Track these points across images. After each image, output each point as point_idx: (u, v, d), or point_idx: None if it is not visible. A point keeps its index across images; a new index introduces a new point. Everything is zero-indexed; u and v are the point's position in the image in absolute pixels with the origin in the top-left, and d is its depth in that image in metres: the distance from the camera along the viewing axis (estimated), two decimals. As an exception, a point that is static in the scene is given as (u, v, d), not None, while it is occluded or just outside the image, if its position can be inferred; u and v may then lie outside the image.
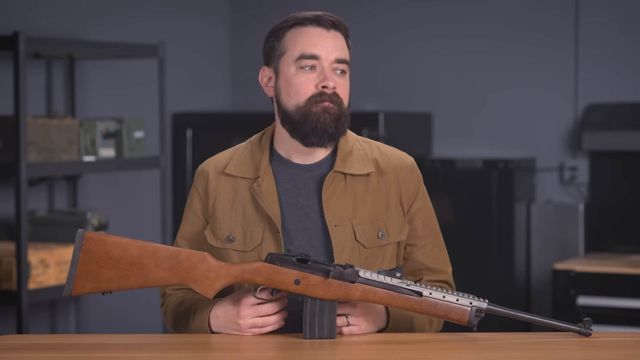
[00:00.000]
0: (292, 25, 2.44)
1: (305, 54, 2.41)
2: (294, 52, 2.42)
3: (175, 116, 5.63)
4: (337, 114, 2.41)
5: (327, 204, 2.43)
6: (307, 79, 2.41)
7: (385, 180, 2.49)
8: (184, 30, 5.65)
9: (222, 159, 2.54)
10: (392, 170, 2.51)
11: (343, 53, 2.43)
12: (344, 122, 2.44)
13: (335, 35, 2.44)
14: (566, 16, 5.37)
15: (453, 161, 5.29)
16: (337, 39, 2.44)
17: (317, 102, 2.40)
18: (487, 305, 2.26)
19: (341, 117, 2.42)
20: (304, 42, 2.42)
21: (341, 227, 2.42)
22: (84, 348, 2.23)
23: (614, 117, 5.15)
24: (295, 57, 2.42)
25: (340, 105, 2.42)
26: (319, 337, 2.25)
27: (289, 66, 2.43)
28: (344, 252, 2.42)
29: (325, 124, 2.40)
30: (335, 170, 2.46)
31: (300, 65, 2.41)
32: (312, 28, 2.43)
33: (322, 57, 2.41)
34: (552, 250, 5.27)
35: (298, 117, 2.41)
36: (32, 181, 4.69)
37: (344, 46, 2.45)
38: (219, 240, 2.47)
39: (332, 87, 2.40)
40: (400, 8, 5.70)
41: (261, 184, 2.46)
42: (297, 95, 2.42)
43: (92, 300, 5.02)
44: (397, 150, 2.56)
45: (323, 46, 2.41)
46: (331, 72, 2.41)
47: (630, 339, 2.30)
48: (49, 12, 4.85)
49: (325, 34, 2.43)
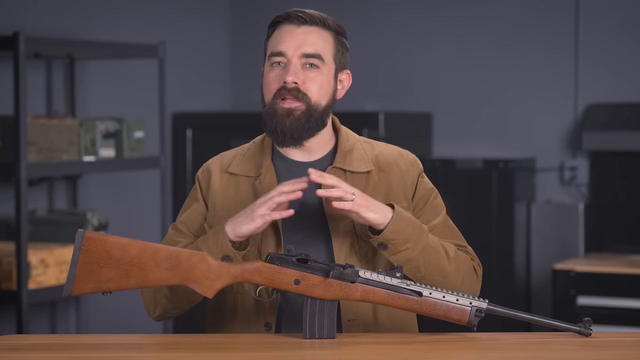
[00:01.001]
0: (273, 25, 2.49)
1: (273, 51, 2.45)
2: (268, 51, 2.48)
3: (175, 116, 5.63)
4: (302, 113, 2.42)
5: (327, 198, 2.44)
6: (274, 75, 2.45)
7: (386, 176, 2.50)
8: (184, 30, 5.65)
9: (226, 158, 2.57)
10: (393, 164, 2.52)
11: (312, 47, 2.43)
12: (315, 120, 2.44)
13: (307, 30, 2.45)
14: (566, 16, 5.37)
15: (453, 161, 5.29)
16: (308, 33, 2.44)
17: (279, 96, 2.43)
18: (487, 305, 2.26)
19: (309, 115, 2.43)
20: (274, 40, 2.47)
21: (341, 221, 2.43)
22: (84, 348, 2.23)
23: (614, 117, 5.15)
24: (268, 56, 2.47)
25: (307, 102, 2.43)
26: (319, 337, 2.25)
27: (266, 65, 2.48)
28: (343, 246, 2.43)
29: (285, 126, 2.43)
30: (334, 166, 2.47)
31: (271, 62, 2.46)
32: (283, 26, 2.47)
33: (288, 53, 2.43)
34: (552, 250, 5.27)
35: (265, 114, 2.46)
36: (32, 181, 4.69)
37: (319, 41, 2.45)
38: (219, 237, 2.48)
39: (292, 82, 2.42)
40: (400, 8, 5.70)
41: (263, 181, 2.47)
42: (268, 91, 2.46)
43: (92, 300, 5.02)
44: (397, 148, 2.58)
45: (290, 42, 2.43)
46: (298, 67, 2.43)
47: (630, 339, 2.30)
48: (49, 12, 4.85)
49: (294, 29, 2.45)
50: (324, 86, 2.46)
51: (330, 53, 2.47)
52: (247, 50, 5.98)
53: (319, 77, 2.45)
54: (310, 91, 2.44)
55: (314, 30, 2.45)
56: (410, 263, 2.37)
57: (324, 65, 2.45)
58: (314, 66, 2.44)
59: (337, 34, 2.48)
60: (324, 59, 2.45)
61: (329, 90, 2.47)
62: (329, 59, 2.46)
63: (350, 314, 2.42)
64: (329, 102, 2.48)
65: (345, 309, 2.42)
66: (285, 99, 2.43)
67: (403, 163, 2.53)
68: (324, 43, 2.46)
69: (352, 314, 2.42)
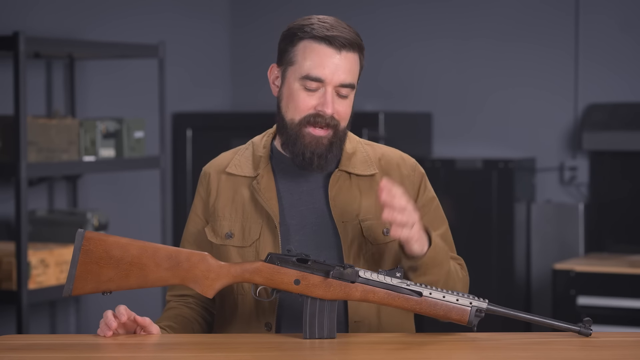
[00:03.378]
0: (306, 38, 2.42)
1: (311, 75, 2.40)
2: (302, 68, 2.41)
3: (175, 116, 5.63)
4: (330, 141, 2.42)
5: (334, 201, 2.45)
6: (308, 98, 2.41)
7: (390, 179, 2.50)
8: (184, 30, 5.65)
9: (224, 159, 2.57)
10: (395, 169, 2.53)
11: (350, 77, 2.42)
12: (337, 147, 2.45)
13: (346, 57, 2.42)
14: (566, 16, 5.37)
15: (453, 161, 5.29)
16: (347, 60, 2.42)
17: (311, 123, 2.41)
18: (487, 305, 2.26)
19: (334, 144, 2.43)
20: (313, 61, 2.40)
21: (349, 223, 2.44)
22: (84, 348, 2.23)
23: (613, 117, 5.15)
24: (301, 74, 2.41)
25: (336, 129, 2.42)
26: (319, 337, 2.25)
27: (294, 79, 2.42)
28: (352, 248, 2.43)
29: (313, 154, 2.42)
30: (340, 169, 2.48)
31: (305, 85, 2.41)
32: (323, 47, 2.40)
33: (327, 80, 2.40)
34: (552, 250, 5.27)
35: (291, 132, 2.43)
36: (32, 181, 4.69)
37: (353, 67, 2.43)
38: (218, 237, 2.48)
39: (330, 114, 2.41)
40: (400, 8, 5.70)
41: (260, 181, 2.47)
42: (295, 111, 2.42)
43: (92, 300, 5.02)
44: (398, 151, 2.58)
45: (330, 69, 2.40)
46: (333, 95, 2.41)
47: (630, 339, 2.30)
48: (49, 12, 4.85)
49: (335, 55, 2.41)
50: (349, 111, 2.46)
51: (358, 76, 2.47)
52: (248, 50, 5.98)
53: (348, 103, 2.44)
54: (341, 119, 2.43)
55: (350, 57, 2.42)
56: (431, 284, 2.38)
57: (352, 93, 2.45)
58: (344, 96, 2.43)
59: (362, 52, 2.48)
60: (354, 87, 2.45)
61: (350, 112, 2.47)
62: (356, 83, 2.46)
63: (357, 316, 2.43)
64: (349, 121, 2.48)
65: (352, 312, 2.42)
66: (316, 127, 2.42)
67: (405, 167, 2.54)
68: (355, 68, 2.44)
69: (359, 316, 2.43)
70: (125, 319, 2.31)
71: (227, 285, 2.30)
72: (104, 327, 2.31)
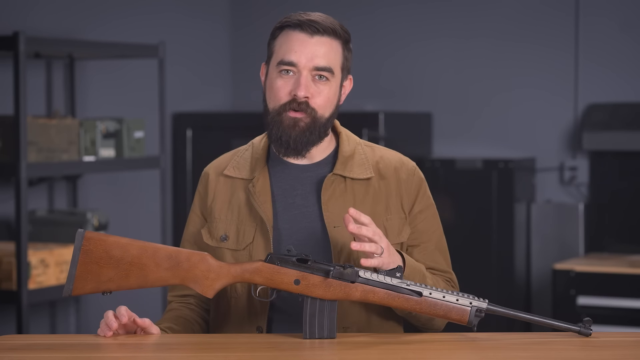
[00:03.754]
0: (282, 27, 2.45)
1: (283, 59, 2.42)
2: (277, 56, 2.44)
3: (175, 116, 5.63)
4: (306, 125, 2.42)
5: (326, 205, 2.44)
6: (283, 84, 2.43)
7: (386, 183, 2.49)
8: (184, 30, 5.65)
9: (223, 160, 2.57)
10: (393, 173, 2.51)
11: (324, 60, 2.42)
12: (316, 133, 2.44)
13: (320, 41, 2.42)
14: (566, 16, 5.37)
15: (453, 161, 5.29)
16: (320, 45, 2.42)
17: (287, 109, 2.42)
18: (487, 305, 2.26)
19: (314, 127, 2.43)
20: (285, 47, 2.43)
21: (340, 229, 2.42)
22: (84, 348, 2.23)
23: (614, 117, 5.15)
24: (276, 62, 2.44)
25: (313, 115, 2.42)
26: (319, 337, 2.25)
27: (273, 69, 2.45)
28: (342, 253, 2.42)
29: (290, 137, 2.42)
30: (334, 173, 2.47)
31: (279, 70, 2.43)
32: (295, 33, 2.43)
33: (300, 64, 2.41)
34: (552, 250, 5.27)
35: (271, 120, 2.44)
36: (32, 181, 4.69)
37: (329, 52, 2.43)
38: (214, 239, 2.49)
39: (303, 96, 2.41)
40: (400, 8, 5.70)
41: (256, 184, 2.47)
42: (274, 99, 2.44)
43: (92, 300, 5.02)
44: (399, 154, 2.56)
45: (302, 53, 2.41)
46: (309, 79, 2.41)
47: (630, 339, 2.30)
48: (49, 12, 4.85)
49: (307, 40, 2.42)
50: (330, 98, 2.45)
51: (339, 64, 2.45)
52: (248, 50, 5.98)
53: (326, 89, 2.44)
54: (317, 105, 2.43)
55: (325, 42, 2.43)
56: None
57: (333, 77, 2.44)
58: (323, 78, 2.43)
59: (345, 42, 2.47)
60: (333, 72, 2.44)
61: (334, 101, 2.46)
62: (337, 70, 2.45)
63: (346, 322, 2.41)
64: (333, 112, 2.47)
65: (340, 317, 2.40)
66: (291, 112, 2.42)
67: (403, 171, 2.52)
68: (334, 54, 2.44)
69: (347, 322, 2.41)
70: (126, 320, 2.31)
71: (227, 285, 2.30)
72: (104, 327, 2.31)
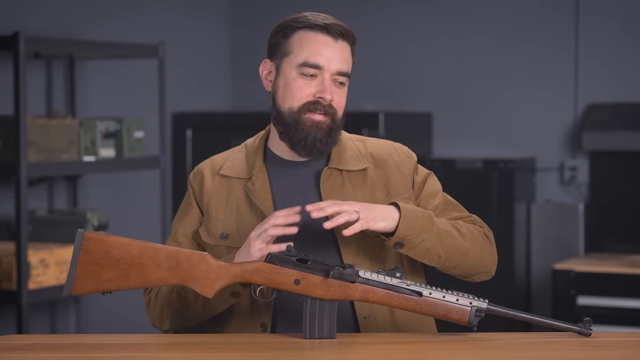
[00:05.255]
0: (302, 28, 2.45)
1: (309, 61, 2.42)
2: (298, 56, 2.43)
3: (175, 116, 5.63)
4: (329, 127, 2.44)
5: (326, 199, 2.45)
6: (306, 85, 2.43)
7: (383, 171, 2.52)
8: (184, 30, 5.65)
9: (217, 160, 2.57)
10: (388, 158, 2.54)
11: (346, 65, 2.45)
12: (335, 134, 2.46)
13: (342, 46, 2.45)
14: (566, 16, 5.37)
15: (453, 161, 5.29)
16: (343, 49, 2.45)
17: (311, 110, 2.42)
18: (487, 305, 2.26)
19: (332, 130, 2.45)
20: (310, 49, 2.43)
21: None
22: (84, 348, 2.23)
23: (614, 117, 5.15)
24: (298, 62, 2.43)
25: (334, 117, 2.44)
26: (319, 337, 2.25)
27: (291, 68, 2.44)
28: (350, 245, 2.43)
29: (315, 139, 2.43)
30: (330, 167, 2.48)
31: (302, 72, 2.43)
32: (320, 35, 2.44)
33: (325, 67, 2.42)
34: (552, 250, 5.27)
35: (290, 120, 2.44)
36: (32, 181, 4.69)
37: (348, 58, 2.46)
38: (213, 237, 2.49)
39: (329, 100, 2.42)
40: (400, 9, 5.70)
41: (255, 182, 2.48)
42: (293, 99, 2.44)
43: (92, 300, 5.02)
44: (390, 142, 2.60)
45: (328, 56, 2.43)
46: (331, 83, 2.43)
47: (630, 339, 2.30)
48: (49, 12, 4.85)
49: (332, 43, 2.44)
50: (345, 101, 2.48)
51: (351, 68, 2.49)
52: (248, 50, 5.98)
53: (343, 93, 2.47)
54: (338, 107, 2.45)
55: (345, 46, 2.46)
56: (430, 252, 2.38)
57: (348, 82, 2.48)
58: (342, 84, 2.46)
59: (354, 46, 2.49)
60: (350, 77, 2.47)
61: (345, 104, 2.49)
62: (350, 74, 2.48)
63: (366, 311, 2.43)
64: (344, 113, 2.50)
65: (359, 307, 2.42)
66: (315, 113, 2.43)
67: (397, 155, 2.56)
68: (350, 60, 2.47)
69: (367, 310, 2.43)
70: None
71: (227, 285, 2.29)
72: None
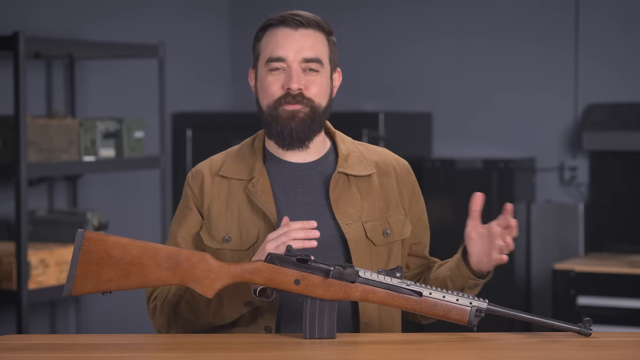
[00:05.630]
0: (266, 27, 2.48)
1: (271, 56, 2.44)
2: (265, 55, 2.46)
3: (175, 116, 5.63)
4: (306, 115, 2.44)
5: (336, 204, 2.46)
6: (274, 80, 2.45)
7: (387, 181, 2.53)
8: (184, 30, 5.65)
9: (215, 161, 2.57)
10: (391, 171, 2.55)
11: (312, 52, 2.44)
12: (318, 121, 2.46)
13: (305, 34, 2.45)
14: (566, 16, 5.37)
15: (453, 161, 5.28)
16: (306, 37, 2.45)
17: (283, 103, 2.43)
18: (487, 305, 2.26)
19: (313, 117, 2.45)
20: (271, 45, 2.45)
21: (352, 225, 2.45)
22: (84, 348, 2.23)
23: (614, 117, 5.15)
24: (265, 60, 2.46)
25: (311, 105, 2.44)
26: (319, 337, 2.25)
27: (262, 69, 2.47)
28: (358, 249, 2.44)
29: (291, 129, 2.44)
30: (339, 171, 2.48)
31: (269, 68, 2.45)
32: (279, 29, 2.46)
33: (289, 58, 2.43)
34: (552, 250, 5.27)
35: (268, 117, 2.46)
36: (32, 181, 4.69)
37: (316, 44, 2.45)
38: (215, 240, 2.48)
39: (297, 88, 2.42)
40: (400, 9, 5.70)
41: (256, 184, 2.47)
42: (267, 96, 2.46)
43: (92, 300, 5.02)
44: (392, 153, 2.61)
45: (289, 47, 2.43)
46: (299, 72, 2.43)
47: (630, 339, 2.30)
48: (49, 12, 4.85)
49: (291, 33, 2.44)
50: (324, 87, 2.47)
51: (326, 55, 2.48)
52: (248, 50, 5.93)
53: (319, 80, 2.46)
54: (313, 94, 2.45)
55: (310, 34, 2.45)
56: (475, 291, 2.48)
57: (322, 68, 2.46)
58: (314, 70, 2.45)
59: (329, 35, 2.49)
60: (322, 63, 2.46)
61: (327, 92, 2.49)
62: (326, 61, 2.48)
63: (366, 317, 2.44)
64: (328, 103, 2.49)
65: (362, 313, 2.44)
66: (287, 106, 2.43)
67: (399, 169, 2.57)
68: (320, 46, 2.46)
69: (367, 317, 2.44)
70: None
71: (227, 285, 2.29)
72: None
